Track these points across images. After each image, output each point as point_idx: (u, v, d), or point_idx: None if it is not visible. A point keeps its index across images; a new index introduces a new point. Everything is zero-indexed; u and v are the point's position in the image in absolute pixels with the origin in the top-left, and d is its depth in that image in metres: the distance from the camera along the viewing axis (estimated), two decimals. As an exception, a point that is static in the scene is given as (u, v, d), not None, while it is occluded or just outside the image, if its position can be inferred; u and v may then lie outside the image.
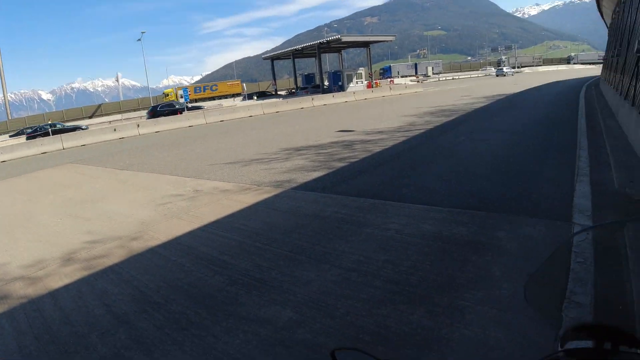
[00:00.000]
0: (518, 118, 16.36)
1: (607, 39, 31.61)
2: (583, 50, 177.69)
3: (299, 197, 7.72)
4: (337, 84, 45.06)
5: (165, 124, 24.18)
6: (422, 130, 14.91)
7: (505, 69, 70.66)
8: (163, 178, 10.60)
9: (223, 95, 54.48)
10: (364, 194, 7.49)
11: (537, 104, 21.07)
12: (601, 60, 39.42)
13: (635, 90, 10.26)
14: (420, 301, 3.92)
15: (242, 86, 56.76)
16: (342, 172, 9.46)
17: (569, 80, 41.63)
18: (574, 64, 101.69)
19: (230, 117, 26.72)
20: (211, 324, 3.81)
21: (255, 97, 47.83)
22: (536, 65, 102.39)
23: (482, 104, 23.18)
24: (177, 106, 32.61)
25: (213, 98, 48.65)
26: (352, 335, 3.48)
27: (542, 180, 7.57)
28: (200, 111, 28.23)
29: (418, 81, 56.31)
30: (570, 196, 6.49)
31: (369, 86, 45.74)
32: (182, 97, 30.85)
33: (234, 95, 54.49)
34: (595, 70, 52.43)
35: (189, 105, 33.39)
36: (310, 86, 48.57)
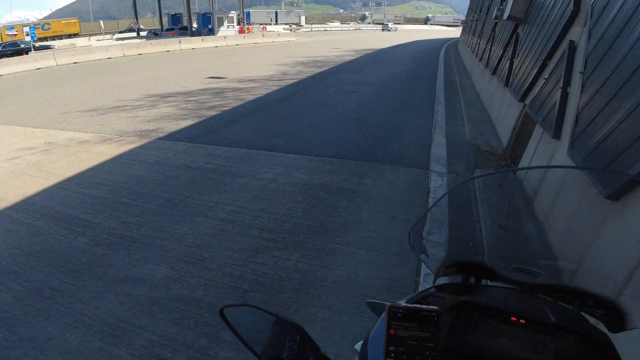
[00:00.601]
0: (384, 72, 17.20)
1: (468, 4, 34.15)
2: (445, 13, 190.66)
3: (167, 147, 7.27)
4: (207, 27, 42.50)
5: (8, 66, 20.75)
6: (294, 80, 14.93)
7: (390, 25, 74.63)
8: (7, 129, 9.09)
9: (57, 36, 46.50)
10: (236, 143, 7.34)
11: (402, 60, 22.32)
12: (456, 23, 42.54)
13: (490, 53, 11.35)
14: (295, 247, 4.04)
15: (99, 24, 50.39)
16: (213, 121, 9.11)
17: (431, 40, 44.62)
18: (431, 24, 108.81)
19: (85, 59, 23.73)
20: (78, 289, 3.47)
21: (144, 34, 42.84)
22: (401, 24, 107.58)
23: (352, 57, 23.87)
24: (22, 45, 28.14)
25: (46, 38, 41.24)
26: (231, 285, 3.49)
27: (404, 131, 8.15)
28: (49, 51, 24.65)
29: (291, 30, 55.82)
30: (428, 146, 7.08)
31: (241, 31, 44.07)
32: (27, 35, 26.47)
33: (70, 36, 46.99)
34: (455, 32, 56.78)
35: (37, 44, 28.87)
36: (177, 27, 44.91)
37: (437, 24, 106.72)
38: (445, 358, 0.99)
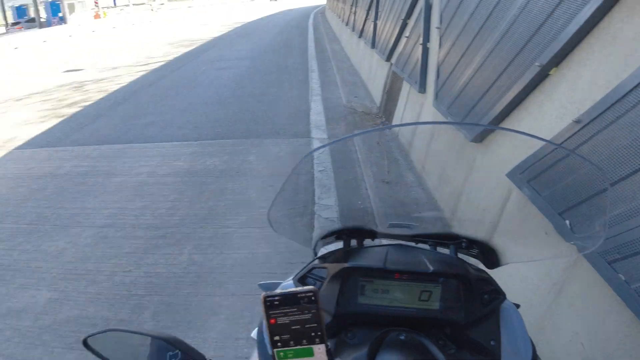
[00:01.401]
0: (255, 45, 16.91)
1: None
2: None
3: (27, 157, 6.42)
4: (57, 15, 38.29)
5: None
6: (161, 63, 14.08)
7: None
8: None
9: None
10: (105, 140, 6.73)
11: (271, 31, 22.11)
12: None
13: (355, 17, 11.63)
14: (186, 239, 3.86)
15: None
16: (75, 119, 8.24)
17: (298, 8, 44.76)
18: None
19: None
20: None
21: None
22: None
23: (221, 32, 23.11)
24: None
25: None
26: (124, 294, 3.22)
27: (281, 102, 8.13)
28: None
29: (152, 10, 52.38)
30: (307, 115, 7.14)
31: (97, 17, 40.43)
32: None
33: None
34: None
35: None
36: (24, 20, 39.72)
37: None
38: (341, 325, 0.99)
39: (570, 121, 2.12)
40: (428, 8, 5.01)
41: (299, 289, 0.69)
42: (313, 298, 0.68)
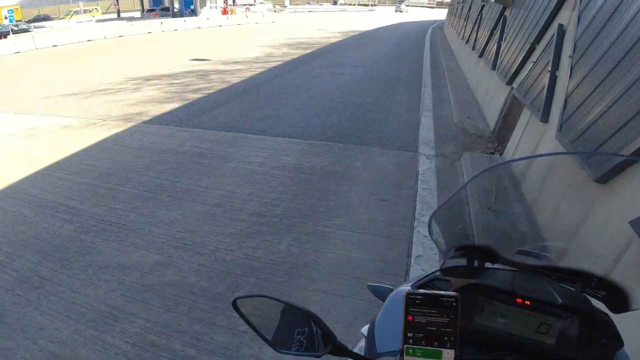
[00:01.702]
0: (371, 54, 17.10)
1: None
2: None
3: (152, 131, 7.16)
4: (189, 7, 41.68)
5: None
6: (280, 62, 14.78)
7: (402, 6, 72.57)
8: (-14, 114, 8.84)
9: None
10: (223, 127, 7.27)
11: (388, 43, 22.19)
12: (430, 5, 41.81)
13: (476, 36, 11.34)
14: (286, 231, 4.04)
15: (79, 5, 48.59)
16: (198, 104, 8.99)
17: (415, 21, 44.37)
18: (407, 5, 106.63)
19: (64, 41, 23.12)
20: (68, 278, 3.42)
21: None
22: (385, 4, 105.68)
23: (338, 39, 23.66)
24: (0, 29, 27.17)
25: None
26: (223, 270, 3.48)
27: (392, 114, 8.16)
28: (28, 34, 23.87)
29: (275, 11, 55.21)
30: (416, 129, 7.10)
31: (224, 12, 43.33)
32: (6, 17, 25.40)
33: (42, 19, 43.48)
34: (438, 13, 56.35)
35: (15, 27, 27.78)
36: (158, 8, 43.87)
37: (412, 5, 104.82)
38: None
39: None
40: (561, 35, 4.76)
41: (443, 292, 0.73)
42: (455, 304, 0.72)
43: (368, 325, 1.19)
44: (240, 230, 4.05)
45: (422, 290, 0.73)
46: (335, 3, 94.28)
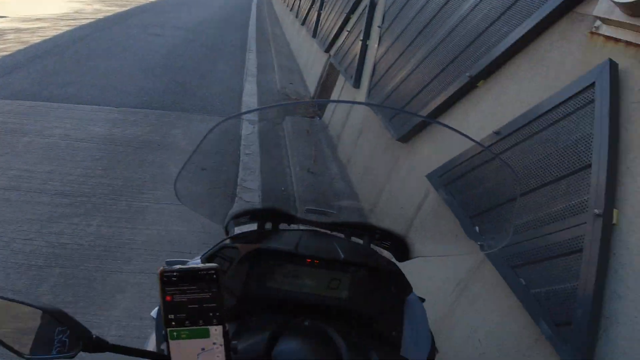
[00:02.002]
0: (193, 16, 16.21)
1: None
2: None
3: None
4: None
5: None
6: (91, 20, 13.06)
7: None
8: None
9: None
10: (18, 95, 6.11)
11: (213, 5, 21.33)
12: None
13: (300, 4, 11.48)
14: (96, 210, 3.62)
15: None
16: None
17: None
18: None
19: None
20: None
21: None
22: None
23: (155, -2, 21.92)
24: None
25: None
26: (23, 264, 2.96)
27: (214, 79, 7.87)
28: None
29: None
30: (240, 94, 6.98)
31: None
32: None
33: None
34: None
35: None
36: None
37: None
38: (245, 307, 0.96)
39: (490, 132, 2.24)
40: (372, 6, 5.06)
41: (200, 265, 0.65)
42: (215, 276, 0.65)
43: (157, 307, 1.08)
44: (40, 215, 3.47)
45: (177, 267, 0.64)
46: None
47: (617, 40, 1.74)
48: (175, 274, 0.63)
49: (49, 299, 2.70)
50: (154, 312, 1.08)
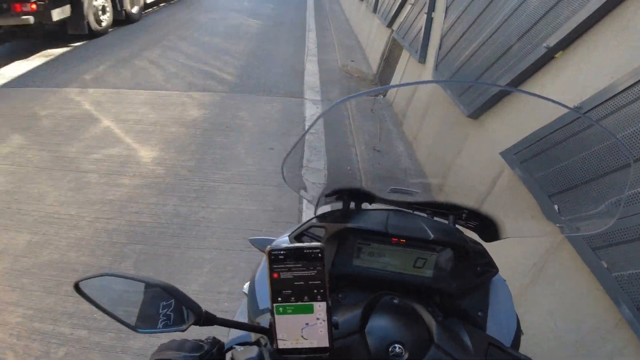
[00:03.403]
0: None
1: None
2: None
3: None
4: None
5: None
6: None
7: None
8: None
9: None
10: (99, 83, 6.50)
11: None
12: None
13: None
14: (172, 190, 3.82)
15: None
16: (69, 57, 7.94)
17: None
18: None
19: None
20: None
21: None
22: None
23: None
24: None
25: None
26: (106, 241, 3.19)
27: (276, 60, 7.95)
28: None
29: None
30: (302, 74, 7.02)
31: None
32: None
33: None
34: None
35: None
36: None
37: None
38: (333, 286, 0.99)
39: (571, 106, 2.12)
40: (436, -24, 4.88)
41: (306, 244, 0.68)
42: (320, 255, 0.68)
43: (249, 282, 1.14)
44: (119, 196, 3.72)
45: (284, 245, 0.68)
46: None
47: None
48: (282, 252, 0.67)
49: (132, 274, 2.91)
50: (245, 287, 1.14)
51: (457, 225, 1.10)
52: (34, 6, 7.00)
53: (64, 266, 2.97)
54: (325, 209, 1.17)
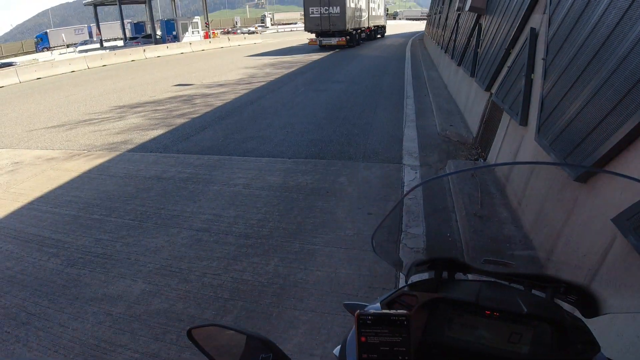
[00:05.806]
0: (351, 69, 17.26)
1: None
2: (409, 7, 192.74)
3: (137, 159, 7.11)
4: (171, 33, 41.62)
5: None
6: (262, 83, 14.84)
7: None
8: (-32, 151, 8.73)
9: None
10: (207, 150, 7.25)
11: (369, 55, 22.43)
12: (423, 17, 42.66)
13: (454, 44, 11.51)
14: (273, 251, 4.01)
15: (62, 37, 48.41)
16: (182, 129, 8.98)
17: (397, 33, 44.95)
18: (399, 19, 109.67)
19: (48, 74, 22.99)
20: (55, 312, 3.34)
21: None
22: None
23: (319, 57, 23.85)
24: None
25: None
26: (211, 296, 3.44)
27: (375, 127, 8.22)
28: (12, 68, 23.69)
29: (257, 32, 56.02)
30: (400, 140, 7.14)
31: (206, 36, 43.63)
32: None
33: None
34: (420, 25, 57.26)
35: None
36: (140, 36, 43.86)
37: (405, 19, 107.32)
38: (424, 354, 1.00)
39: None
40: (534, 38, 4.84)
41: (393, 311, 0.72)
42: (405, 322, 0.71)
43: (340, 345, 1.18)
44: (226, 254, 4.02)
45: (372, 311, 0.73)
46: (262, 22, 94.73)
47: None
48: (370, 317, 0.72)
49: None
50: (336, 350, 1.18)
51: (555, 299, 1.06)
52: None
53: (172, 315, 3.22)
54: (422, 276, 1.19)
